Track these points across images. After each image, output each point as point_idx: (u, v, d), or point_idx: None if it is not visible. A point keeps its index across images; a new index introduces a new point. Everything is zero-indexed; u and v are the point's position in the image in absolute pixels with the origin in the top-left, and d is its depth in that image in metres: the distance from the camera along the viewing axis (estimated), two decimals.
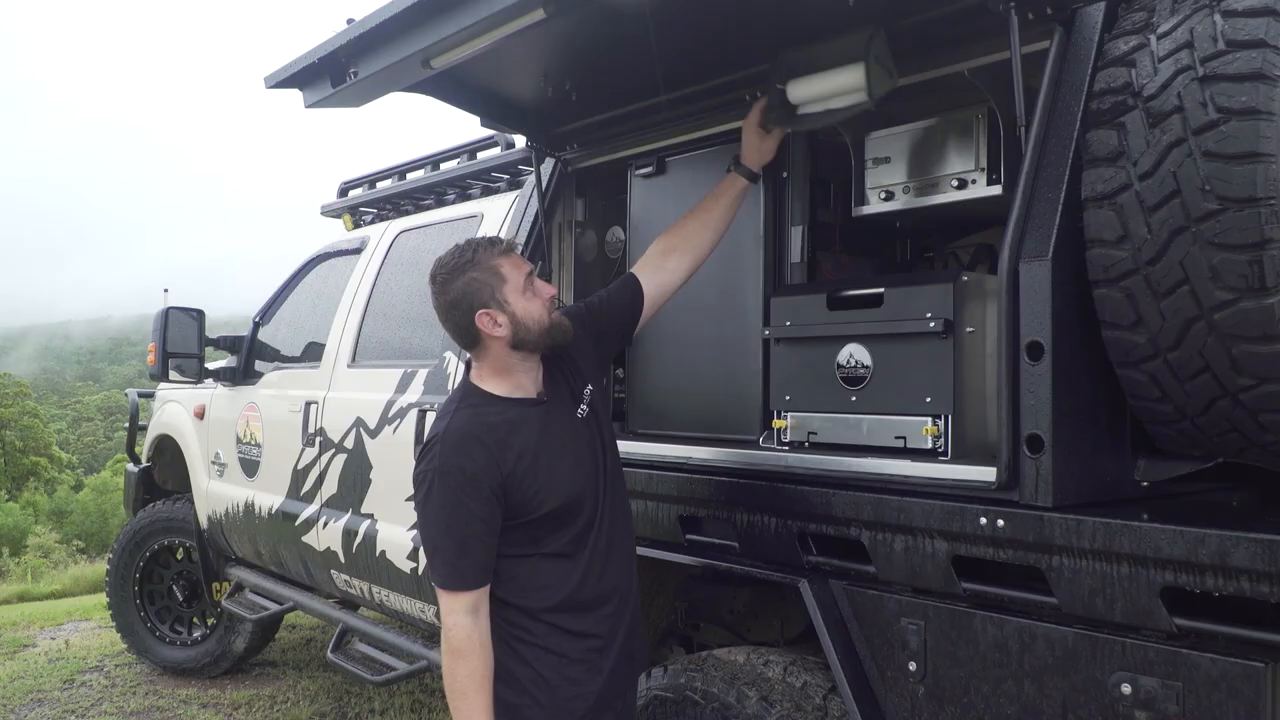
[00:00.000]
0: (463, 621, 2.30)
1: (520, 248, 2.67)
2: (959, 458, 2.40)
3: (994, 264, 2.54)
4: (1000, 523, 2.11)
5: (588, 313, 2.71)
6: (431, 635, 4.16)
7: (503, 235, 3.83)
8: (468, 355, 2.51)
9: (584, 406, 2.54)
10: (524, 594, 2.39)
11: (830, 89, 2.63)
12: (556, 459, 2.41)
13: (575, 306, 2.73)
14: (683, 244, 2.83)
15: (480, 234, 4.18)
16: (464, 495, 2.29)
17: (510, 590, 2.39)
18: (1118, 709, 1.91)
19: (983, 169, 2.67)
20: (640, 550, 2.99)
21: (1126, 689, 1.90)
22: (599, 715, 2.42)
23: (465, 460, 2.30)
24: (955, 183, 2.71)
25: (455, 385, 2.57)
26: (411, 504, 2.54)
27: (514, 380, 2.45)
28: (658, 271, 2.80)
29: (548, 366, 2.53)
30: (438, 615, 2.41)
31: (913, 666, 2.27)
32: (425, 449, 2.39)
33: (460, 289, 2.38)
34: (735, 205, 2.89)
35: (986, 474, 2.17)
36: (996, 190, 2.64)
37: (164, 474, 6.92)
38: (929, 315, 2.47)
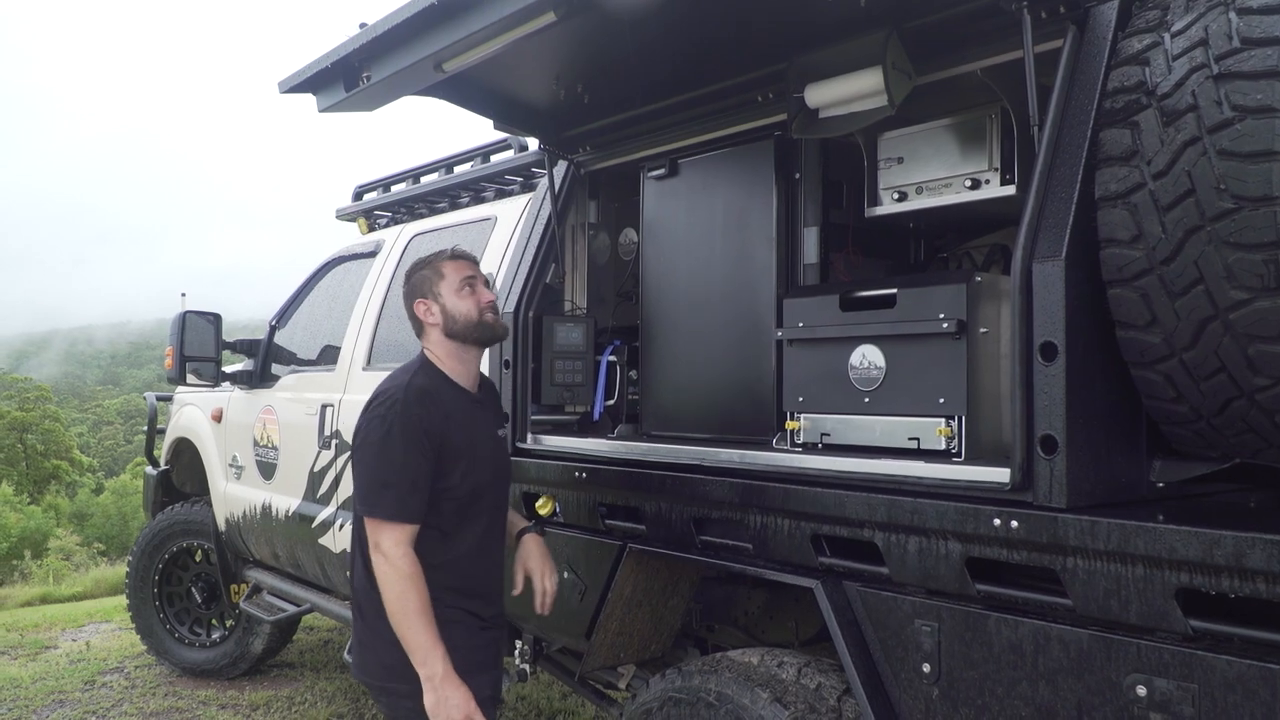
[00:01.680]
0: (409, 554, 2.59)
1: (472, 257, 2.96)
2: (972, 459, 2.39)
3: (1007, 264, 2.53)
4: (1014, 524, 2.10)
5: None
6: None
7: (515, 237, 3.88)
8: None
9: (503, 431, 3.01)
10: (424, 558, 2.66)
11: (849, 93, 2.63)
12: (479, 448, 2.80)
13: None
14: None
15: (495, 236, 4.20)
16: (420, 441, 2.63)
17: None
18: (1133, 711, 1.90)
19: (996, 169, 2.66)
20: (655, 551, 3.00)
21: (1142, 691, 1.89)
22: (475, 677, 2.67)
23: (424, 412, 2.66)
24: (968, 183, 2.70)
25: (412, 359, 2.91)
26: None
27: (460, 370, 2.84)
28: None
29: (487, 386, 3.01)
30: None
31: (927, 668, 2.26)
32: (385, 397, 2.70)
33: (412, 283, 2.88)
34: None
35: (1000, 475, 2.16)
36: (1010, 190, 2.63)
37: (182, 477, 6.96)
38: (942, 316, 2.46)
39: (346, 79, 2.93)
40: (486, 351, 3.04)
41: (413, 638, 2.55)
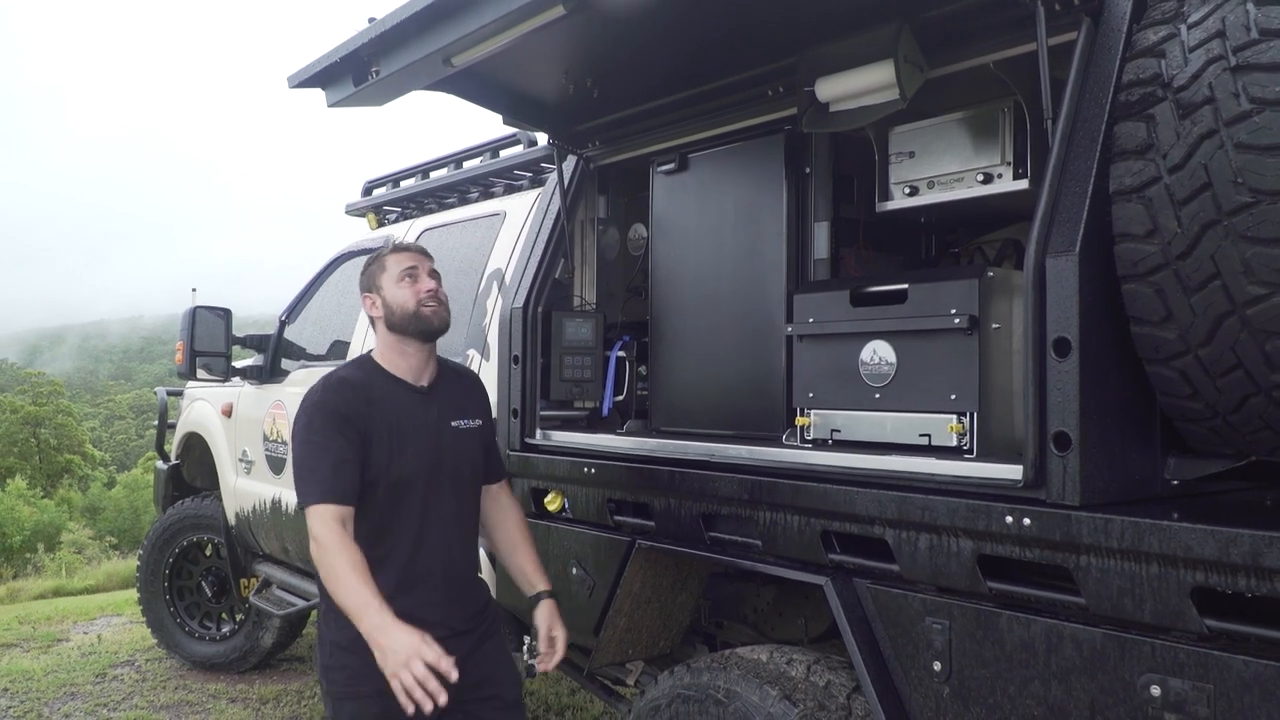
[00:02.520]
0: (335, 528, 2.55)
1: (418, 248, 2.94)
2: (984, 456, 2.37)
3: (1020, 259, 2.51)
4: (1026, 521, 2.08)
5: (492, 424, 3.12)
6: None
7: (524, 232, 3.87)
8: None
9: (468, 422, 2.91)
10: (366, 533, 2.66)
11: (860, 86, 2.61)
12: (413, 438, 2.75)
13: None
14: (489, 517, 3.08)
15: (504, 231, 4.19)
16: (338, 427, 2.64)
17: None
18: (1147, 711, 1.88)
19: (1009, 163, 2.63)
20: (664, 547, 2.99)
21: (1156, 691, 1.87)
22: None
23: (340, 401, 2.69)
24: (981, 177, 2.68)
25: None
26: None
27: (401, 364, 2.82)
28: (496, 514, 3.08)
29: (457, 381, 2.97)
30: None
31: (937, 666, 2.24)
32: (311, 390, 2.75)
33: (362, 278, 2.90)
34: (510, 570, 3.10)
35: (1012, 472, 2.14)
36: (1023, 184, 2.60)
37: (192, 471, 6.98)
38: (954, 311, 2.44)
39: (355, 74, 2.92)
40: (494, 345, 3.04)
41: (347, 598, 2.47)
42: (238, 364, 5.93)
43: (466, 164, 5.12)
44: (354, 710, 2.68)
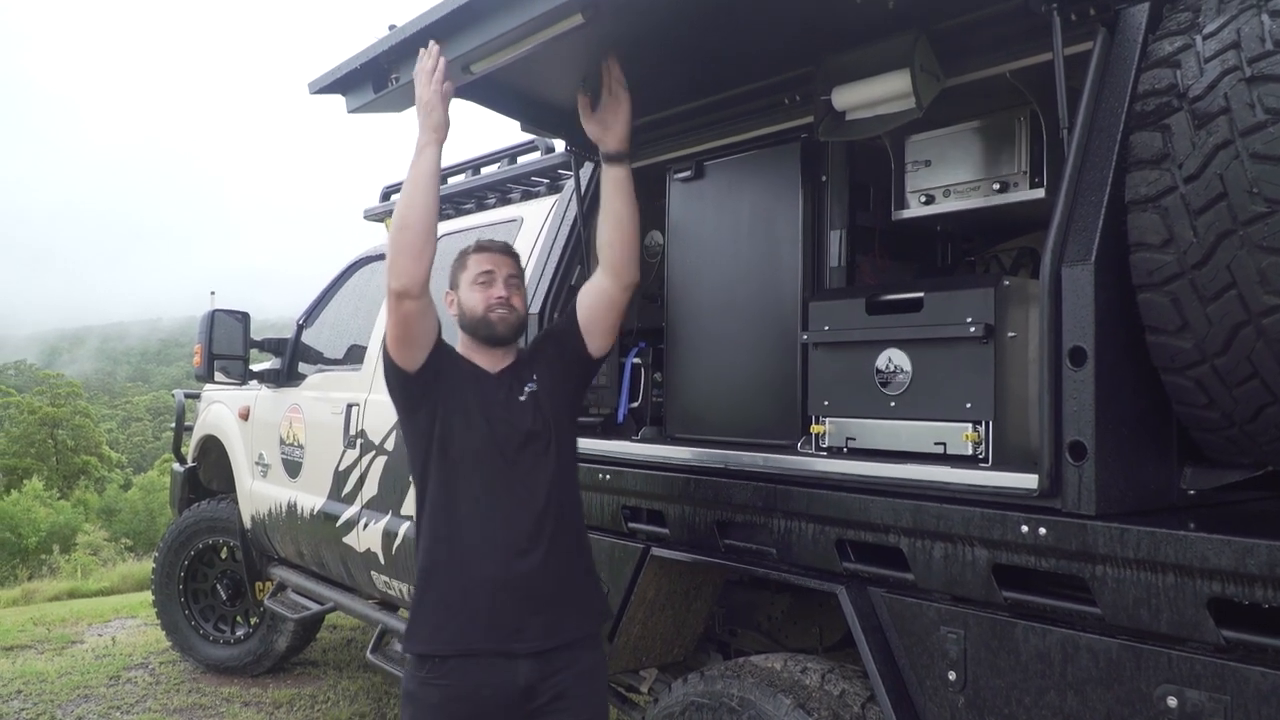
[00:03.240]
0: None
1: (501, 247, 2.94)
2: (1000, 464, 2.36)
3: (1036, 268, 2.51)
4: (1042, 531, 2.08)
5: (554, 327, 3.07)
6: None
7: (541, 238, 3.88)
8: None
9: (530, 386, 2.81)
10: (430, 505, 2.72)
11: (876, 95, 2.61)
12: (475, 414, 2.72)
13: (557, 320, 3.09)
14: (601, 250, 2.97)
15: (521, 238, 4.21)
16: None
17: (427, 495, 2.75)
18: None
19: (1025, 172, 2.63)
20: (678, 555, 2.99)
21: (1172, 702, 1.86)
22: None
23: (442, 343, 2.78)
24: (997, 186, 2.68)
25: None
26: None
27: (473, 354, 2.83)
28: (587, 291, 2.98)
29: (518, 364, 2.87)
30: None
31: (952, 676, 2.24)
32: None
33: (450, 274, 2.90)
34: (621, 191, 2.94)
35: (1028, 481, 2.14)
36: (1039, 193, 2.60)
37: (209, 474, 7.02)
38: (970, 320, 2.44)
39: (375, 80, 2.94)
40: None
41: (406, 181, 2.65)
42: (255, 367, 5.97)
43: (484, 170, 5.15)
44: None
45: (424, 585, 2.72)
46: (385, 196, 5.93)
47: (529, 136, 4.49)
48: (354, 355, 5.30)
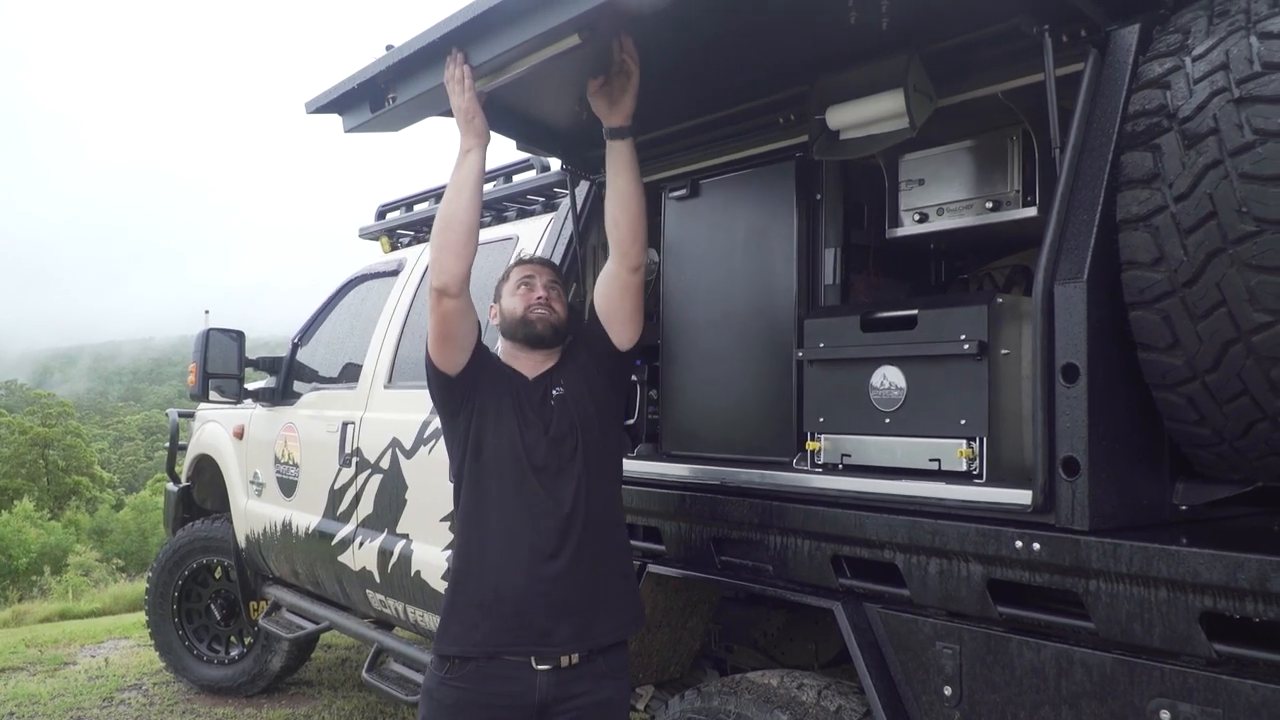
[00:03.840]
0: None
1: (542, 260, 3.06)
2: (994, 480, 2.38)
3: (1028, 286, 2.53)
4: (1036, 546, 2.09)
5: (583, 329, 3.01)
6: None
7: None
8: None
9: (557, 389, 2.83)
10: (463, 509, 2.77)
11: (870, 115, 2.64)
12: (508, 417, 2.75)
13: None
14: (609, 232, 2.93)
15: (514, 257, 4.23)
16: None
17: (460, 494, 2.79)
18: None
19: (1017, 191, 2.66)
20: (674, 572, 3.00)
21: (1166, 716, 1.87)
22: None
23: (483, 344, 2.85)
24: (990, 205, 2.71)
25: None
26: (446, 524, 2.70)
27: (513, 361, 2.89)
28: (600, 280, 2.97)
29: (554, 369, 2.89)
30: None
31: (948, 691, 2.25)
32: None
33: (494, 291, 3.01)
34: (626, 168, 2.90)
35: (1022, 497, 2.16)
36: (1031, 212, 2.63)
37: (203, 493, 7.00)
38: (963, 337, 2.46)
39: (373, 100, 2.96)
40: None
41: (449, 184, 2.75)
42: (250, 386, 5.96)
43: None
44: None
45: (455, 588, 2.75)
46: (381, 215, 5.95)
47: (525, 155, 4.51)
48: (349, 374, 5.30)
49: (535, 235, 4.27)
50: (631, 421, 3.62)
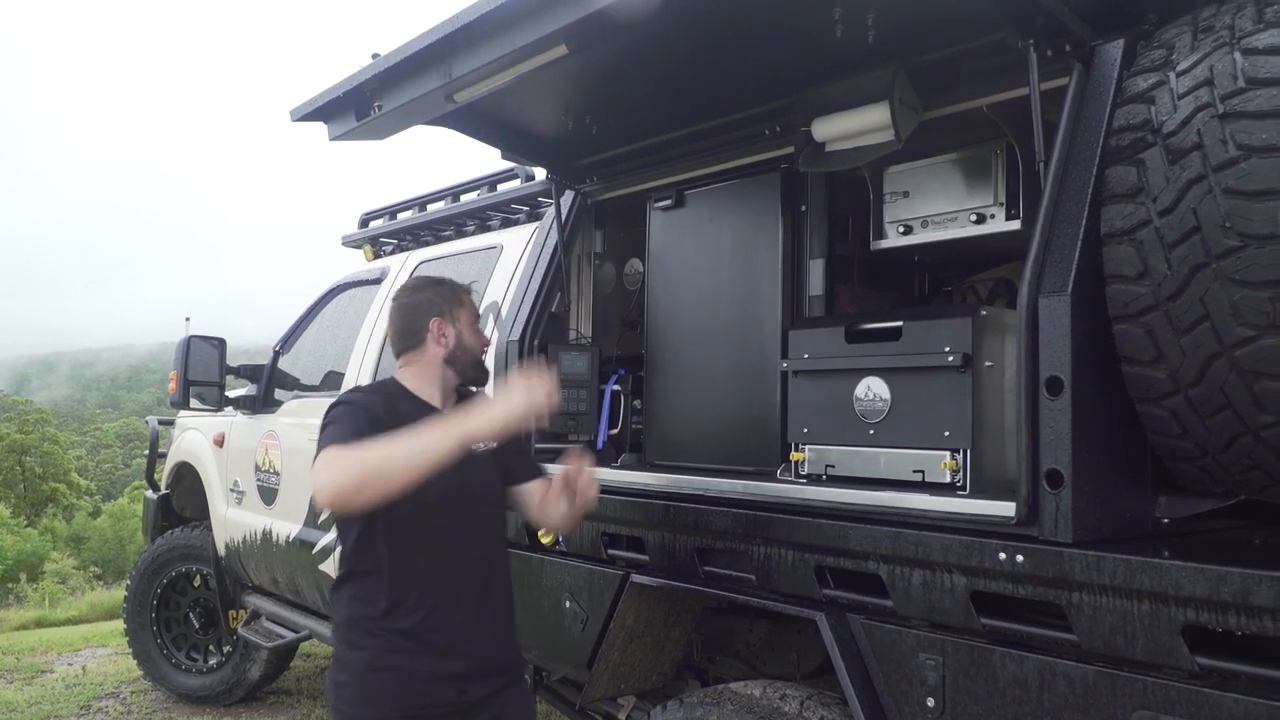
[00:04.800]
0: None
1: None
2: (978, 492, 2.39)
3: (1013, 298, 2.54)
4: (1019, 558, 2.10)
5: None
6: None
7: (521, 266, 3.90)
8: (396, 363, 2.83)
9: (484, 445, 2.68)
10: (361, 607, 2.60)
11: (856, 127, 2.65)
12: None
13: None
14: (543, 513, 2.90)
15: (500, 265, 4.22)
16: (367, 420, 2.51)
17: (354, 605, 2.62)
18: None
19: (1001, 204, 2.67)
20: (657, 582, 2.99)
21: None
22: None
23: (369, 402, 2.63)
24: (974, 217, 2.72)
25: None
26: None
27: (429, 389, 2.77)
28: (531, 505, 2.92)
29: (459, 402, 2.84)
30: None
31: (931, 702, 2.25)
32: (341, 400, 2.66)
33: (427, 297, 2.80)
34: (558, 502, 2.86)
35: (1005, 509, 2.16)
36: (1015, 225, 2.64)
37: (183, 501, 6.95)
38: (948, 349, 2.47)
39: (358, 108, 2.95)
40: (491, 380, 3.05)
41: (412, 443, 2.31)
42: (231, 394, 5.92)
43: (464, 197, 5.16)
44: None
45: None
46: (364, 223, 5.94)
47: (509, 164, 4.51)
48: (331, 381, 5.28)
49: (520, 244, 4.27)
50: (615, 431, 3.61)
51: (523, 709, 2.85)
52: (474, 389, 2.96)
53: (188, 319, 6.34)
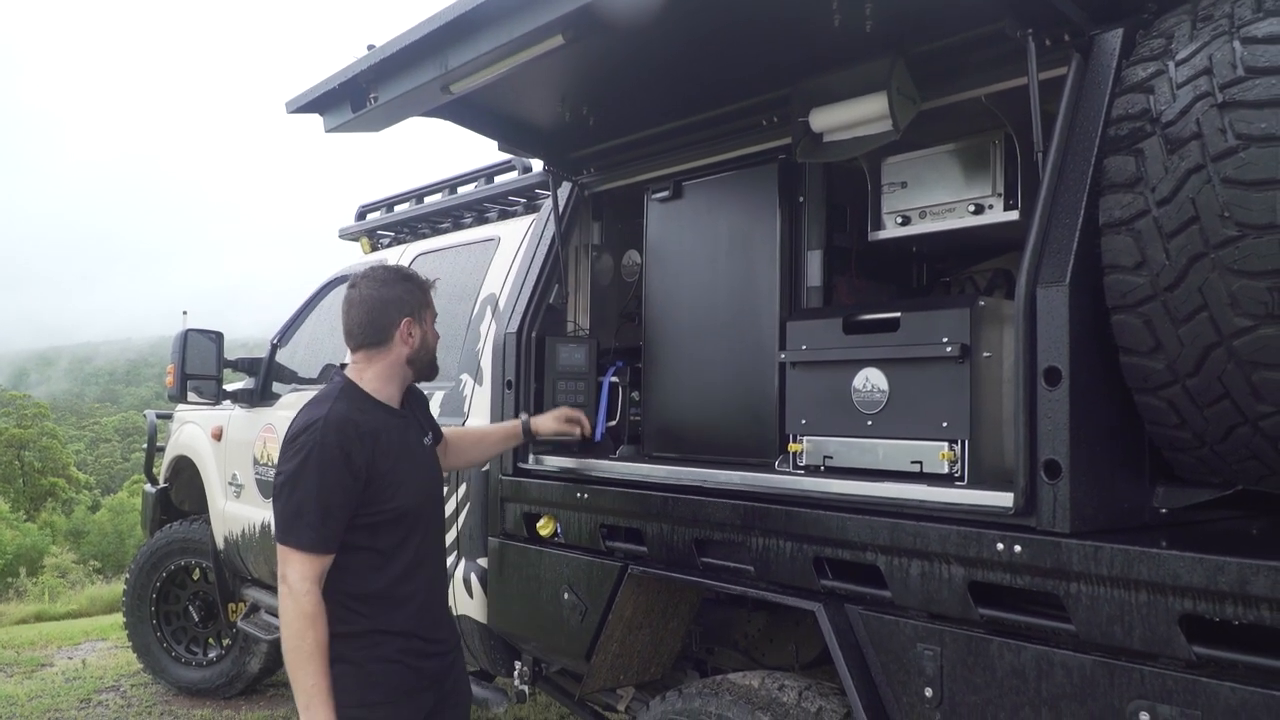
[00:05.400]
0: (314, 589, 2.52)
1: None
2: (975, 483, 2.39)
3: (1010, 289, 2.54)
4: (1017, 549, 2.10)
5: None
6: None
7: (519, 258, 3.90)
8: (352, 354, 2.80)
9: (429, 438, 2.91)
10: (346, 582, 2.62)
11: (854, 117, 2.64)
12: (410, 466, 2.74)
13: None
14: (458, 447, 3.22)
15: (498, 257, 4.22)
16: (338, 469, 2.53)
17: (336, 579, 2.61)
18: None
19: (1000, 194, 2.67)
20: (656, 573, 2.99)
21: (1145, 717, 1.88)
22: (413, 697, 2.70)
23: (344, 440, 2.55)
24: (972, 208, 2.71)
25: (327, 381, 2.87)
26: None
27: (390, 390, 2.77)
28: (448, 451, 3.15)
29: (413, 399, 2.92)
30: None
31: (929, 692, 2.25)
32: (307, 427, 2.59)
33: (398, 292, 2.75)
34: (504, 446, 3.39)
35: (1003, 499, 2.16)
36: (1013, 215, 2.64)
37: (181, 495, 6.95)
38: (945, 340, 2.46)
39: (354, 100, 2.95)
40: (488, 370, 3.07)
41: (303, 679, 2.47)
42: (229, 387, 5.92)
43: (461, 189, 5.15)
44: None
45: None
46: (361, 216, 5.93)
47: (506, 156, 4.50)
48: (328, 374, 5.27)
49: (517, 236, 4.26)
50: (613, 423, 3.61)
51: (465, 675, 3.05)
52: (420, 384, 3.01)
53: (185, 313, 6.33)
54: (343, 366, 2.85)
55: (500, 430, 3.36)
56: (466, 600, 3.77)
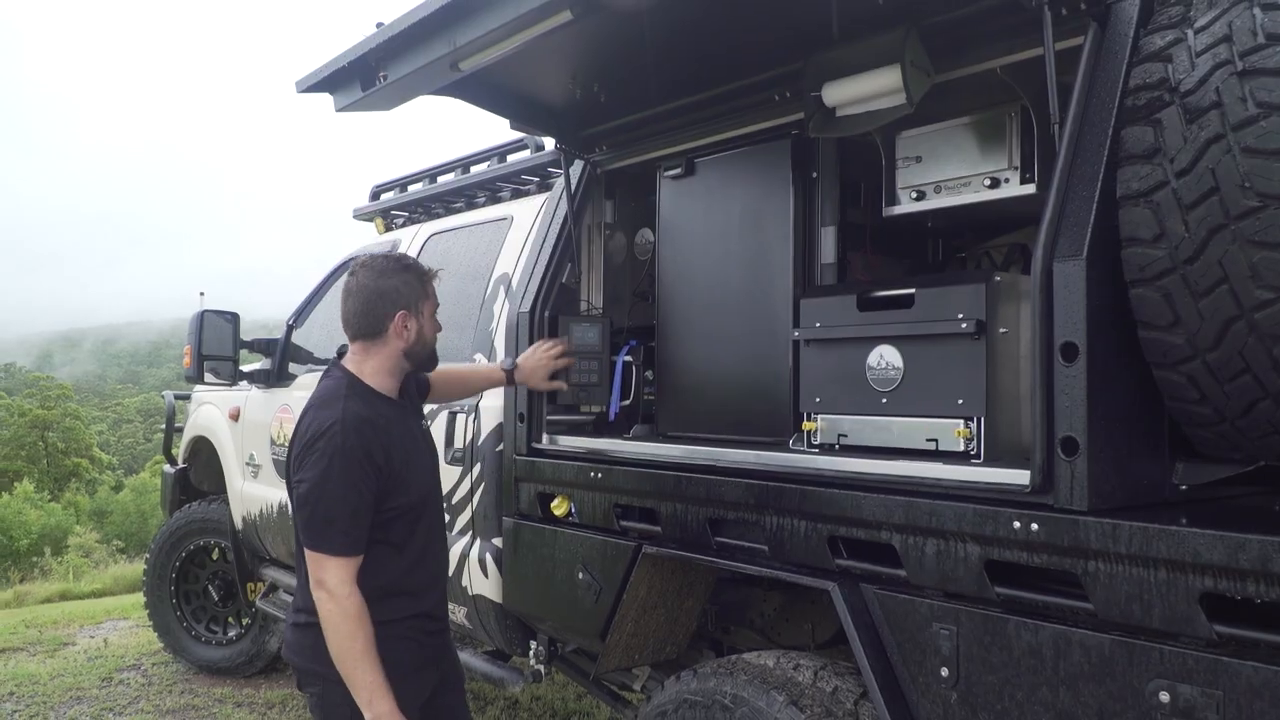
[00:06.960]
0: (355, 590, 2.55)
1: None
2: (992, 461, 2.36)
3: (1027, 264, 2.50)
4: (1034, 527, 2.07)
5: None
6: (461, 636, 4.16)
7: (531, 237, 3.88)
8: (350, 343, 2.79)
9: (425, 421, 3.01)
10: (361, 575, 2.60)
11: (867, 91, 2.60)
12: (417, 457, 2.79)
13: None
14: (442, 388, 3.28)
15: (511, 236, 4.20)
16: (361, 472, 2.56)
17: (371, 552, 2.64)
18: (1155, 717, 1.87)
19: (1016, 167, 2.63)
20: (670, 553, 2.98)
21: (1165, 697, 1.86)
22: (421, 673, 2.76)
23: (363, 441, 2.58)
24: (988, 182, 2.67)
25: (327, 375, 2.82)
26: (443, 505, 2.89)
27: (391, 382, 2.78)
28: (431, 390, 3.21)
29: (406, 387, 2.91)
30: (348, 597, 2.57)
31: (945, 672, 2.24)
32: (323, 432, 2.58)
33: (394, 285, 2.71)
34: (485, 388, 3.56)
35: (1020, 477, 2.14)
36: (1030, 189, 2.60)
37: (200, 475, 6.99)
38: (961, 316, 2.43)
39: (364, 78, 2.93)
40: (501, 349, 3.06)
41: (360, 677, 2.51)
42: (245, 368, 5.93)
43: (474, 169, 5.13)
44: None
45: None
46: (375, 196, 5.91)
47: (519, 134, 4.48)
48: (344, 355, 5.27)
49: (530, 215, 4.24)
50: (627, 402, 3.60)
51: (456, 655, 3.08)
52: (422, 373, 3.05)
53: (201, 294, 6.34)
54: (341, 353, 2.84)
55: (483, 372, 3.51)
56: (481, 580, 3.77)
